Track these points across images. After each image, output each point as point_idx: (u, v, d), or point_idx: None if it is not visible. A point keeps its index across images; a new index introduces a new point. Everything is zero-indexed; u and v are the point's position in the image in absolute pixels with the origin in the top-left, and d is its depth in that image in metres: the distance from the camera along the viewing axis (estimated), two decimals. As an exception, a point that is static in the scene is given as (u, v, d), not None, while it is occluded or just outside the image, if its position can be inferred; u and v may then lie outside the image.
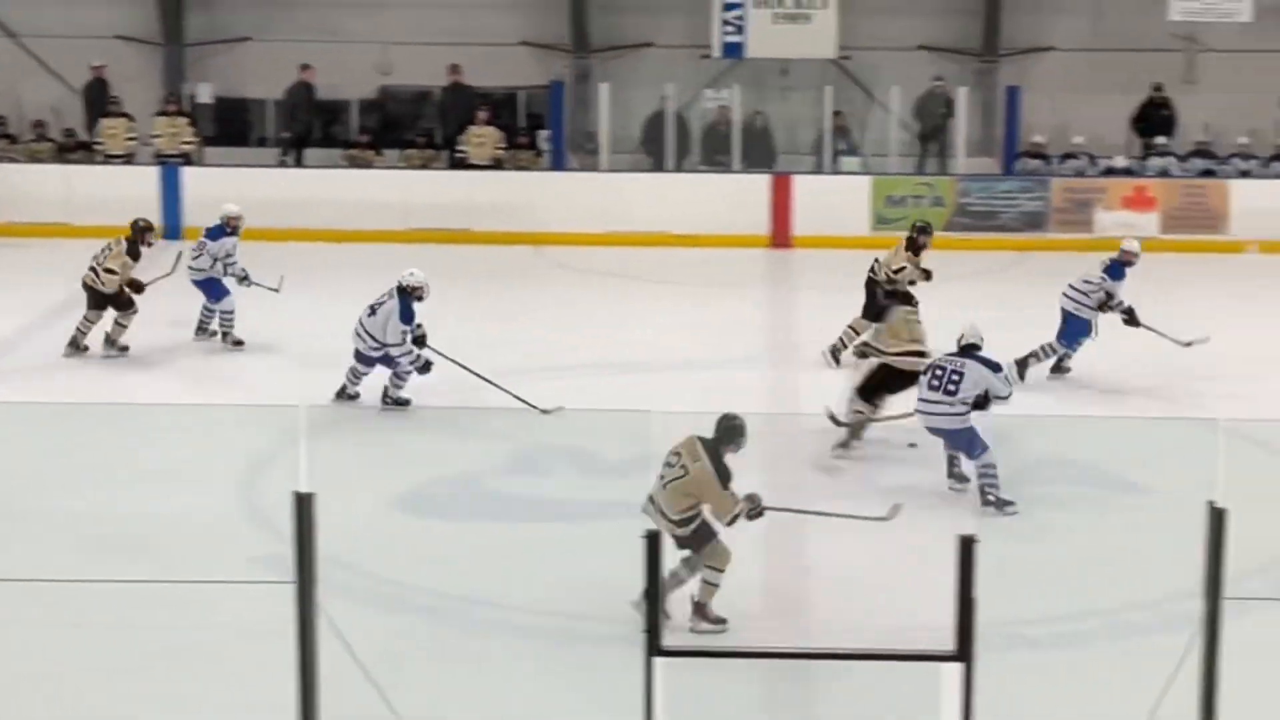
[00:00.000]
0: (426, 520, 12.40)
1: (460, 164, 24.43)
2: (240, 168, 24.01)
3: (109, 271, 16.61)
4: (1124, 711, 8.55)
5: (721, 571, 10.04)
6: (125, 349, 16.91)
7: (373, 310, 14.70)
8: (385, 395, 14.92)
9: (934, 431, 12.81)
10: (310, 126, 25.58)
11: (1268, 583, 10.69)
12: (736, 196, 23.55)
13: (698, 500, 9.99)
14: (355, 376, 14.93)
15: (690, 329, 18.19)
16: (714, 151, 24.80)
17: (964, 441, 12.54)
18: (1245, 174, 24.11)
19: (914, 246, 16.56)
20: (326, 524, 6.72)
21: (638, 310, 19.33)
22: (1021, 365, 15.81)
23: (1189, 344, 15.97)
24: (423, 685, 9.25)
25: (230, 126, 26.20)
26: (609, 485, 12.79)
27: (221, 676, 9.59)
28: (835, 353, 16.37)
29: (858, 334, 15.97)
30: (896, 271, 16.12)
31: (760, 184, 23.62)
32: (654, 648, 6.58)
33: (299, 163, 25.10)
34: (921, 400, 12.73)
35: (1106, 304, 15.89)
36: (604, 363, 16.68)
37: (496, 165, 24.39)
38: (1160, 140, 24.56)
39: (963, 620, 6.52)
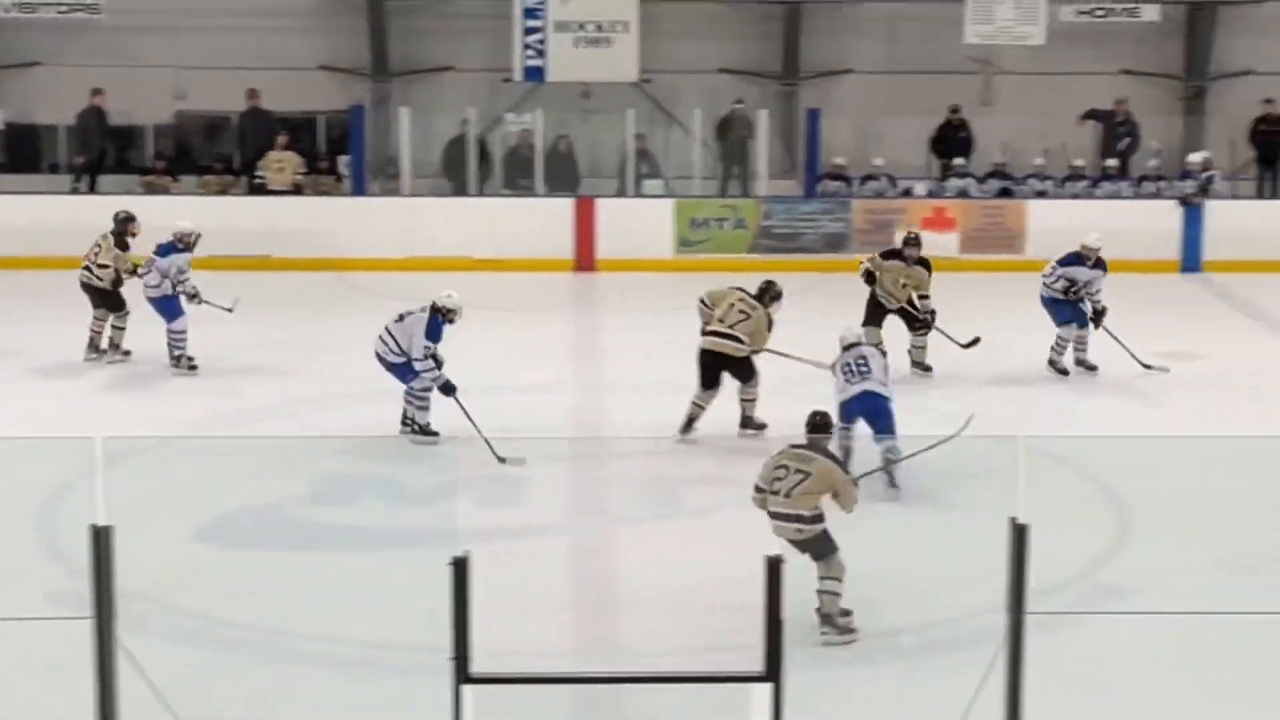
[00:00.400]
0: (229, 551, 12.19)
1: (259, 189, 24.17)
2: (32, 195, 23.53)
3: (102, 267, 17.31)
4: (932, 727, 8.62)
5: (841, 581, 10.33)
6: (128, 353, 17.33)
7: (401, 317, 14.54)
8: (406, 420, 14.59)
9: (864, 399, 13.35)
10: (104, 152, 25.17)
11: (1072, 597, 10.83)
12: (540, 220, 23.50)
13: (827, 494, 10.44)
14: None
15: (495, 354, 18.07)
16: (516, 175, 24.73)
17: (885, 416, 13.30)
18: (1041, 194, 24.48)
19: (892, 254, 17.06)
20: (126, 557, 6.58)
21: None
22: (1053, 365, 16.99)
23: (1149, 368, 16.85)
24: (226, 719, 9.09)
25: (20, 153, 25.64)
26: (415, 512, 12.68)
27: (19, 715, 9.34)
28: None
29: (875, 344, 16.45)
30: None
31: (563, 208, 23.60)
32: (462, 676, 6.51)
33: (93, 189, 24.66)
34: (843, 387, 13.50)
35: (1072, 291, 16.85)
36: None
37: (296, 191, 24.15)
38: (958, 161, 24.88)
39: (771, 640, 6.52)
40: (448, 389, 14.28)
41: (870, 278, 16.88)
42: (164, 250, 17.21)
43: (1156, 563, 11.71)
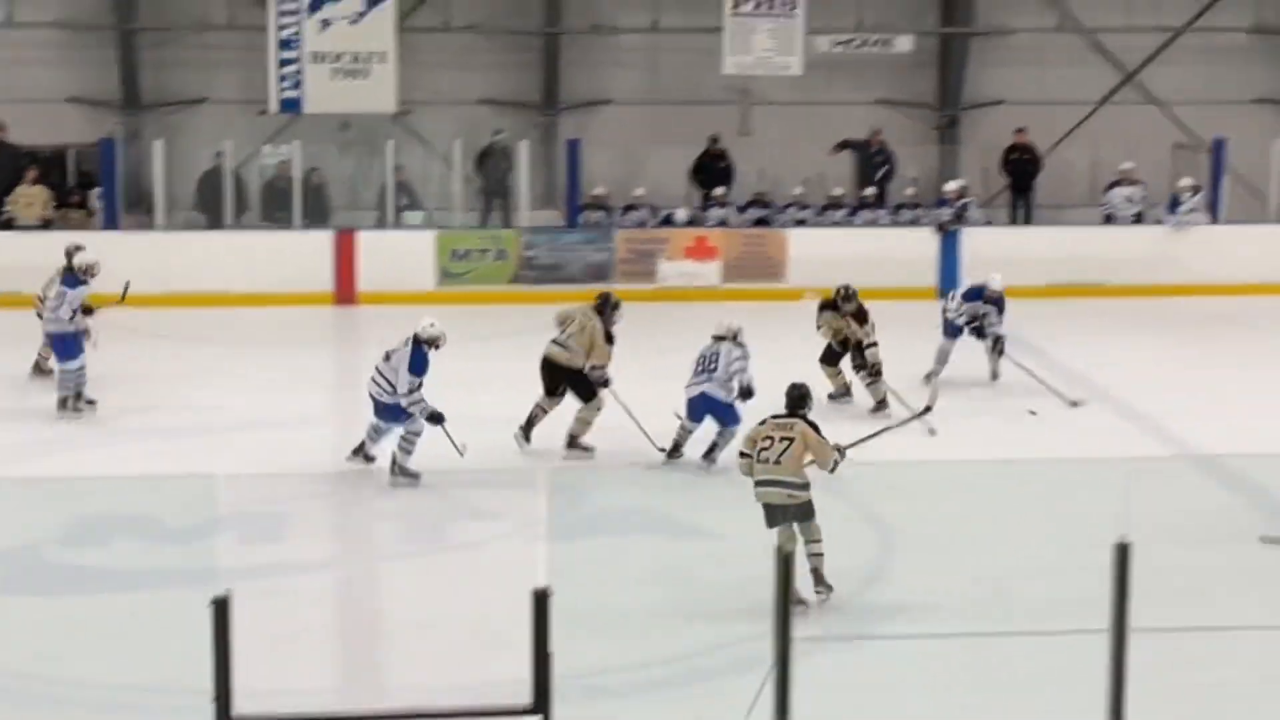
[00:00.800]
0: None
1: (7, 225, 23.60)
2: None
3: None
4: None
5: (822, 542, 11.12)
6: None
7: (387, 356, 14.28)
8: (393, 465, 14.21)
9: (701, 400, 14.65)
10: None
11: (839, 621, 10.89)
12: (299, 254, 23.24)
13: (808, 458, 11.19)
14: (375, 434, 14.41)
15: (254, 389, 17.83)
16: (274, 208, 24.41)
17: (724, 411, 14.60)
18: (801, 223, 24.75)
19: (828, 305, 17.33)
20: None
21: (199, 371, 18.84)
22: (930, 380, 17.56)
23: (1074, 404, 17.29)
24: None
25: None
26: (173, 552, 12.42)
27: None
28: (835, 396, 17.29)
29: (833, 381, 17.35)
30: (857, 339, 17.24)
31: (323, 240, 23.35)
32: (224, 717, 6.36)
33: None
34: (691, 381, 14.77)
35: (972, 327, 17.99)
36: (165, 427, 16.22)
37: (46, 225, 23.61)
38: (719, 191, 25.05)
39: (539, 673, 6.45)
40: (435, 418, 14.10)
41: (834, 331, 17.32)
42: (70, 282, 16.82)
43: (920, 585, 11.82)
